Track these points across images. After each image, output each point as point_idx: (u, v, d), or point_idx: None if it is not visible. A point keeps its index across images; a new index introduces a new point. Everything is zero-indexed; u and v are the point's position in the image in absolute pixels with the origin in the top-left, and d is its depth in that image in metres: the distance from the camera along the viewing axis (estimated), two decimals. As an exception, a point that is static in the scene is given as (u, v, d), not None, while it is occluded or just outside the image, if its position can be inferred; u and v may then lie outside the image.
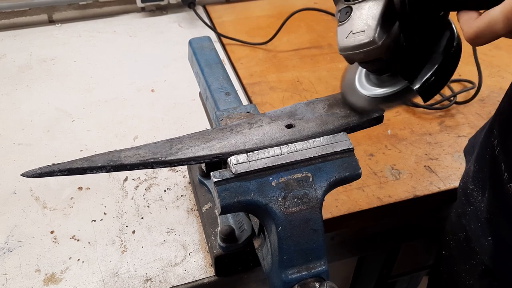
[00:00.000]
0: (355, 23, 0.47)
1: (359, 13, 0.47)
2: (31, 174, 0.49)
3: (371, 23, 0.45)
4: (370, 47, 0.45)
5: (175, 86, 1.03)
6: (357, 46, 0.46)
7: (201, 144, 0.52)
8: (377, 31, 0.45)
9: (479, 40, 0.39)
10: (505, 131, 0.59)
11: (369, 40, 0.45)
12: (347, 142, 0.52)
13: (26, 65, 1.09)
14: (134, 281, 0.64)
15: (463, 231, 0.67)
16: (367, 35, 0.45)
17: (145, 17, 1.29)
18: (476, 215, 0.63)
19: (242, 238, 0.62)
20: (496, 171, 0.58)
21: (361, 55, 0.47)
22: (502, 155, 0.58)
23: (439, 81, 0.48)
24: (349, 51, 0.48)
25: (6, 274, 0.64)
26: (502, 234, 0.59)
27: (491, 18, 0.37)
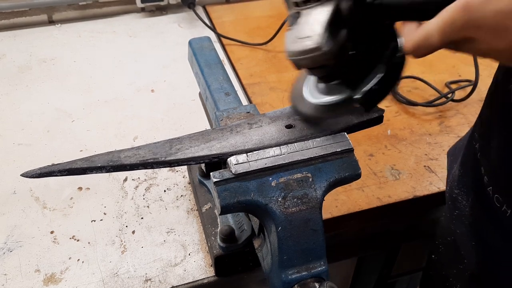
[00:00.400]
0: (302, 29, 0.47)
1: (306, 19, 0.46)
2: (31, 174, 0.49)
3: (317, 29, 0.45)
4: (315, 53, 0.45)
5: (175, 87, 1.03)
6: (303, 52, 0.46)
7: (201, 144, 0.52)
8: (322, 37, 0.44)
9: (417, 53, 0.39)
10: (484, 134, 0.59)
11: (314, 46, 0.45)
12: (347, 142, 0.52)
13: (26, 66, 1.09)
14: (134, 281, 0.64)
15: (451, 235, 0.66)
16: (313, 40, 0.45)
17: (145, 17, 1.29)
18: (461, 220, 0.63)
19: (242, 238, 0.62)
20: (478, 175, 0.58)
21: (307, 61, 0.47)
22: (483, 159, 0.58)
23: (380, 92, 0.48)
24: (296, 56, 0.47)
25: (6, 274, 0.64)
26: (486, 238, 0.58)
27: (427, 31, 0.38)
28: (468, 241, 0.61)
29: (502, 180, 0.54)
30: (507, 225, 0.54)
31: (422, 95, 0.98)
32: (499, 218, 0.54)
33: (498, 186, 0.54)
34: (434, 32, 0.37)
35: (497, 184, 0.54)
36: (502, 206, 0.53)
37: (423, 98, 0.97)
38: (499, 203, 0.54)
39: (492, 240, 0.57)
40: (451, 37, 0.37)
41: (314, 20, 0.45)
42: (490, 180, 0.56)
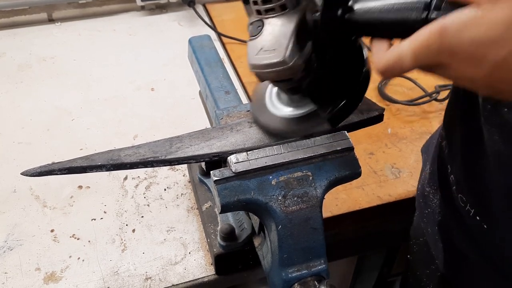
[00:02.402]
0: (266, 40, 0.45)
1: (271, 29, 0.44)
2: (31, 173, 0.49)
3: (282, 42, 0.43)
4: (280, 67, 0.44)
5: (175, 85, 1.03)
6: (268, 65, 0.45)
7: (201, 143, 0.52)
8: (288, 51, 0.43)
9: (387, 74, 0.38)
10: (448, 133, 0.58)
11: (279, 60, 0.43)
12: (347, 141, 0.52)
13: (26, 64, 1.09)
14: (134, 280, 0.64)
15: (422, 235, 0.66)
16: (277, 54, 0.43)
17: (145, 15, 1.29)
18: (433, 218, 0.62)
19: (242, 236, 0.62)
20: (445, 173, 0.58)
21: (271, 74, 0.45)
22: (448, 157, 0.57)
23: (347, 108, 0.46)
24: (259, 69, 0.46)
25: (6, 273, 0.64)
26: (453, 238, 0.58)
27: (400, 52, 0.36)
28: (437, 240, 0.61)
29: (464, 179, 0.53)
30: (471, 225, 0.53)
31: (411, 95, 0.98)
32: (464, 218, 0.54)
33: (461, 185, 0.54)
34: (407, 54, 0.35)
35: (460, 183, 0.54)
36: (465, 205, 0.53)
37: (411, 97, 0.97)
38: (463, 202, 0.53)
39: (458, 240, 0.56)
40: (424, 61, 0.35)
41: (280, 32, 0.43)
42: (455, 179, 0.55)
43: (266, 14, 0.44)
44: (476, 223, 0.52)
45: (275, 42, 0.44)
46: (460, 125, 0.54)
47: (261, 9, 0.44)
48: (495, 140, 0.45)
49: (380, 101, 0.96)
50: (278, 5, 0.43)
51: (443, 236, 0.60)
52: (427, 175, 0.65)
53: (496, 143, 0.45)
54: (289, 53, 0.43)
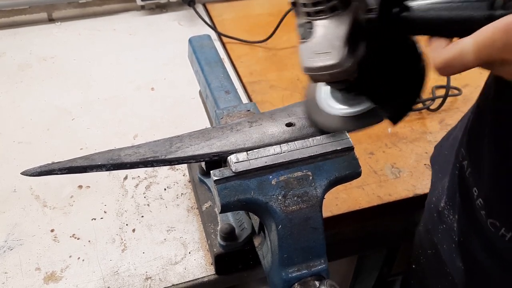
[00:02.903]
0: (319, 43, 0.44)
1: (323, 32, 0.44)
2: (31, 172, 0.49)
3: (336, 44, 0.43)
4: (336, 69, 0.43)
5: (175, 85, 1.03)
6: (323, 68, 0.44)
7: (201, 142, 0.52)
8: (343, 53, 0.42)
9: (448, 70, 0.37)
10: (473, 153, 0.55)
11: (335, 63, 0.43)
12: (347, 140, 0.52)
13: (26, 64, 1.09)
14: (134, 280, 0.64)
15: (432, 248, 0.64)
16: (332, 57, 0.43)
17: (145, 15, 1.29)
18: (449, 236, 0.60)
19: (242, 236, 0.62)
20: (468, 195, 0.55)
21: (326, 77, 0.45)
22: (474, 180, 0.54)
23: (406, 105, 0.47)
24: (314, 72, 0.46)
25: (6, 273, 0.64)
26: (478, 260, 0.55)
27: (462, 48, 0.36)
28: (455, 258, 0.59)
29: (498, 203, 0.51)
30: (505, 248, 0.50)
31: None
32: (494, 242, 0.51)
33: (494, 210, 0.51)
34: (470, 50, 0.35)
35: (492, 208, 0.51)
36: (499, 230, 0.50)
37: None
38: (494, 227, 0.51)
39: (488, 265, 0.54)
40: (487, 58, 0.35)
41: (333, 34, 0.43)
42: (484, 203, 0.52)
43: (316, 16, 0.44)
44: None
45: (329, 45, 0.43)
46: (490, 149, 0.51)
47: (311, 11, 0.44)
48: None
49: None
50: (328, 7, 0.42)
51: (464, 256, 0.58)
52: (444, 191, 0.62)
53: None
54: (344, 56, 0.42)
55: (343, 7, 0.42)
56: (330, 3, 0.42)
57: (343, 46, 0.42)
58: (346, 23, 0.42)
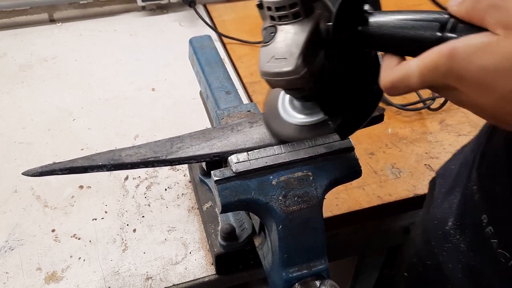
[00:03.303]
0: (278, 48, 0.44)
1: (283, 37, 0.44)
2: (32, 173, 0.49)
3: (294, 51, 0.42)
4: (291, 76, 0.43)
5: (175, 85, 1.03)
6: (278, 74, 0.44)
7: (201, 143, 0.52)
8: (299, 61, 0.42)
9: (393, 91, 0.37)
10: (487, 180, 0.52)
11: (290, 69, 0.43)
12: (348, 141, 0.52)
13: (27, 64, 1.09)
14: (135, 280, 0.64)
15: (433, 260, 0.61)
16: (288, 63, 0.43)
17: (146, 16, 1.29)
18: (456, 256, 0.57)
19: (242, 236, 0.62)
20: (477, 220, 0.53)
21: (282, 83, 0.45)
22: (484, 205, 0.52)
23: (357, 121, 0.46)
24: (270, 77, 0.46)
25: (7, 273, 0.64)
26: (489, 284, 0.52)
27: (407, 70, 0.35)
28: (462, 280, 0.56)
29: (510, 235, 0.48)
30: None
31: (408, 97, 0.97)
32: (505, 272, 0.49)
33: (507, 243, 0.48)
34: (414, 74, 0.34)
35: (506, 240, 0.49)
36: (509, 261, 0.48)
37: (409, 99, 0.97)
38: (505, 259, 0.48)
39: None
40: (431, 82, 0.34)
41: (292, 40, 0.43)
42: (495, 232, 0.50)
43: (280, 20, 0.44)
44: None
45: (287, 50, 0.43)
46: (505, 173, 0.48)
47: (275, 15, 0.44)
48: None
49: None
50: (291, 12, 0.43)
51: (472, 279, 0.55)
52: (453, 211, 0.59)
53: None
54: (300, 63, 0.42)
55: (306, 15, 0.42)
56: (293, 9, 0.42)
57: (299, 54, 0.42)
58: (306, 31, 0.42)
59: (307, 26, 0.42)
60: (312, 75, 0.43)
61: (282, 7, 0.43)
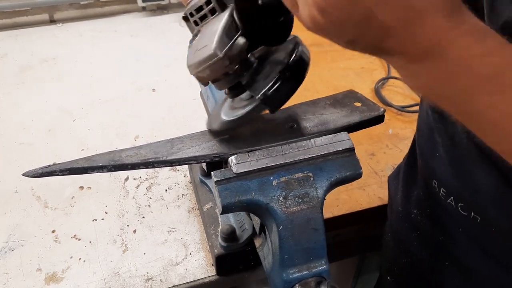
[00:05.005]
0: (200, 41, 0.48)
1: (204, 32, 0.48)
2: (32, 173, 0.49)
3: (212, 37, 0.45)
4: (213, 59, 0.45)
5: (176, 86, 1.03)
6: (202, 61, 0.46)
7: (202, 143, 0.52)
8: (218, 43, 0.45)
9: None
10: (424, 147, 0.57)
11: (211, 53, 0.45)
12: (348, 141, 0.52)
13: (28, 65, 1.09)
14: (135, 280, 0.64)
15: (406, 258, 0.63)
16: (208, 48, 0.45)
17: (146, 16, 1.29)
18: (424, 240, 0.59)
19: (243, 237, 0.62)
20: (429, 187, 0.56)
21: (208, 71, 0.47)
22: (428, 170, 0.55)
23: (282, 90, 0.47)
24: (196, 69, 0.48)
25: (7, 273, 0.64)
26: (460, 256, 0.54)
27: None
28: (439, 261, 0.58)
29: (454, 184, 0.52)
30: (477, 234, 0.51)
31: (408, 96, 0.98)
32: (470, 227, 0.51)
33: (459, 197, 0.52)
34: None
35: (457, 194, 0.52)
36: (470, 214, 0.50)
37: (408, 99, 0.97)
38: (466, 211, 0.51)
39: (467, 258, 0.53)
40: None
41: (210, 30, 0.46)
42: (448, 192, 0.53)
43: (202, 22, 0.49)
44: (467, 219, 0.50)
45: (207, 40, 0.46)
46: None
47: (197, 19, 0.49)
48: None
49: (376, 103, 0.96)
50: (208, 10, 0.47)
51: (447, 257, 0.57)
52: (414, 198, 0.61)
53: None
54: (218, 45, 0.45)
55: (221, 9, 0.47)
56: (209, 6, 0.47)
57: (218, 38, 0.45)
58: (221, 20, 0.46)
59: (222, 16, 0.46)
60: (232, 56, 0.45)
61: (199, 7, 0.48)
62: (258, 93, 0.47)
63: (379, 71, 1.07)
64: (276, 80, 0.46)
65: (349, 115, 0.55)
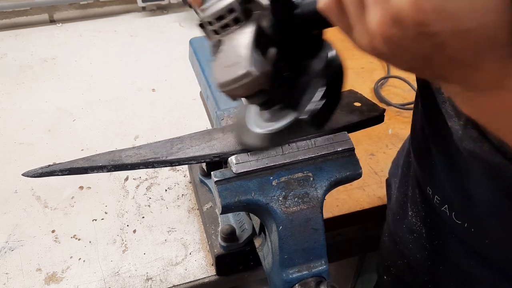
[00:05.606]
0: (227, 56, 0.43)
1: (230, 45, 0.43)
2: (32, 174, 0.49)
3: (243, 53, 0.41)
4: (247, 79, 0.42)
5: (176, 86, 1.03)
6: (234, 80, 0.43)
7: (202, 143, 0.52)
8: (251, 61, 0.41)
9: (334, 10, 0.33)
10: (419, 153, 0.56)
11: (244, 72, 0.41)
12: (348, 141, 0.52)
13: (27, 65, 1.09)
14: (135, 280, 0.64)
15: (403, 258, 0.63)
16: (242, 66, 0.42)
17: (146, 16, 1.29)
18: (421, 244, 0.59)
19: (243, 237, 0.62)
20: (425, 194, 0.56)
21: (241, 90, 0.43)
22: (423, 177, 0.55)
23: (327, 107, 0.44)
24: (227, 87, 0.44)
25: (7, 273, 0.64)
26: (455, 261, 0.54)
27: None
28: (431, 266, 0.58)
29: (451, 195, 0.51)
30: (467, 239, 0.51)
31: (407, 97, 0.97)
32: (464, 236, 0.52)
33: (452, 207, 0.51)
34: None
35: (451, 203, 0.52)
36: (464, 223, 0.50)
37: (408, 99, 0.97)
38: (460, 220, 0.51)
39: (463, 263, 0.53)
40: None
41: (238, 45, 0.42)
42: (442, 200, 0.52)
43: (223, 31, 0.43)
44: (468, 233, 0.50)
45: (237, 55, 0.42)
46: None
47: (217, 28, 0.43)
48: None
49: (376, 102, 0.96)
50: (231, 19, 0.42)
51: (441, 260, 0.57)
52: (409, 199, 0.61)
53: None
54: (252, 63, 0.41)
55: (245, 18, 0.42)
56: (232, 15, 0.42)
57: (250, 54, 0.41)
58: (250, 32, 0.41)
59: (249, 27, 0.42)
60: (267, 74, 0.42)
61: (220, 17, 0.43)
62: (303, 114, 0.44)
63: (379, 71, 1.07)
64: (321, 97, 0.43)
65: (349, 115, 0.55)
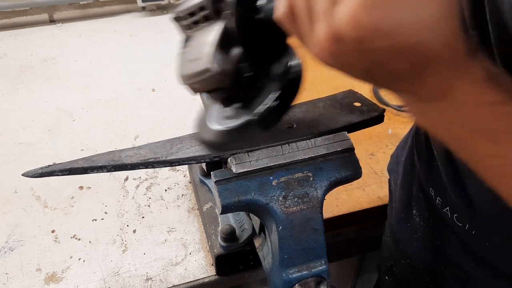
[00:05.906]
0: (193, 51, 0.45)
1: (197, 41, 0.45)
2: (32, 174, 0.49)
3: (207, 50, 0.43)
4: (206, 74, 0.43)
5: (176, 86, 1.02)
6: (195, 74, 0.44)
7: (201, 143, 0.52)
8: (212, 58, 0.42)
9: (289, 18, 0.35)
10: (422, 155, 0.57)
11: (204, 68, 0.43)
12: (348, 141, 0.52)
13: (27, 65, 1.09)
14: (135, 280, 0.64)
15: (405, 258, 0.63)
16: (203, 62, 0.43)
17: (146, 16, 1.29)
18: (424, 243, 0.59)
19: (242, 237, 0.62)
20: (427, 194, 0.56)
21: (200, 84, 0.45)
22: (426, 178, 0.56)
23: (277, 110, 0.46)
24: (188, 80, 0.46)
25: (7, 273, 0.64)
26: (456, 261, 0.55)
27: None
28: (434, 265, 0.58)
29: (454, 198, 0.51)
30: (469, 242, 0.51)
31: None
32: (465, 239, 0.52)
33: (453, 209, 0.52)
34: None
35: (452, 206, 0.52)
36: (465, 226, 0.51)
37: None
38: (461, 222, 0.51)
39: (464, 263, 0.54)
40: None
41: (204, 41, 0.44)
42: (443, 202, 0.53)
43: (194, 27, 0.45)
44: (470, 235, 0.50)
45: (200, 51, 0.44)
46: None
47: (188, 23, 0.45)
48: None
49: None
50: (201, 16, 0.44)
51: (444, 260, 0.57)
52: (413, 197, 0.61)
53: None
54: (213, 60, 0.43)
55: (216, 16, 0.43)
56: (203, 12, 0.44)
57: (213, 52, 0.42)
58: (216, 30, 0.43)
59: (217, 26, 0.43)
60: (227, 72, 0.43)
61: (192, 13, 0.45)
62: (253, 112, 0.46)
63: (379, 71, 1.07)
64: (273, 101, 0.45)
65: (348, 115, 0.55)
